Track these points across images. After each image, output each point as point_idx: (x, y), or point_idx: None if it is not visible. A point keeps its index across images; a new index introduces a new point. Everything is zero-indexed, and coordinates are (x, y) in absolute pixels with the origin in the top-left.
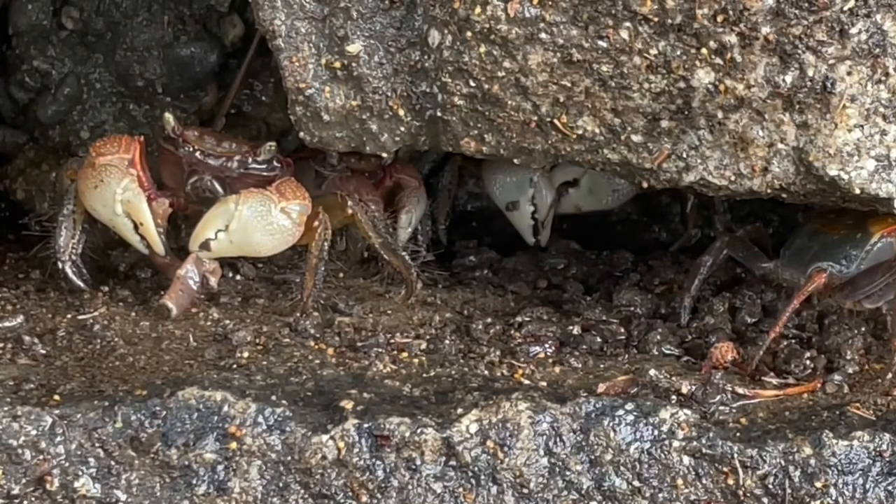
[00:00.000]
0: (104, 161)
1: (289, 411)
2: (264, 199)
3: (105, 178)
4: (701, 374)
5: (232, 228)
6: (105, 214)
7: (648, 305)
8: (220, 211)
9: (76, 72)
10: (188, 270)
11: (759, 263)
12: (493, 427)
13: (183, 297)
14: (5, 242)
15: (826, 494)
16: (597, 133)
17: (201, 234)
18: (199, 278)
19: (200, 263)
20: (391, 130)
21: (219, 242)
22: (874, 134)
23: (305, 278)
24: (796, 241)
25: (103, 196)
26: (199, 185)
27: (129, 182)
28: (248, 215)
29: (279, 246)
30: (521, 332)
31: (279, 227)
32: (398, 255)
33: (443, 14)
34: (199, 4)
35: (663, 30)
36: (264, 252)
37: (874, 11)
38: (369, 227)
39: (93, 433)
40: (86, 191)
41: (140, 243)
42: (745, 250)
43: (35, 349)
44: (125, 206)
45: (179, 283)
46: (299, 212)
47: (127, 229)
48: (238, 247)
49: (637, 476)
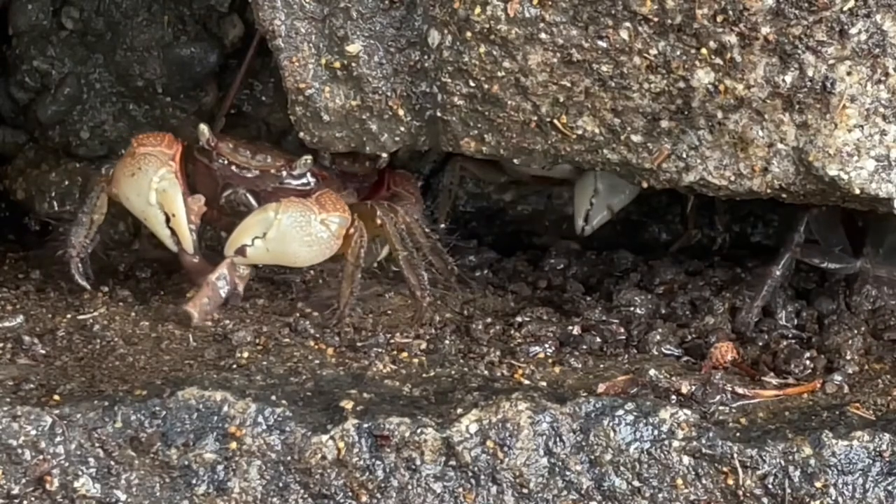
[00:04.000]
0: (144, 150)
1: (289, 411)
2: (305, 210)
3: (143, 166)
4: (701, 374)
5: (270, 236)
6: (138, 205)
7: (648, 305)
8: (260, 218)
9: (76, 72)
10: (220, 275)
11: (842, 264)
12: (492, 427)
13: (209, 303)
14: (5, 242)
15: (826, 494)
16: (597, 133)
17: (238, 240)
18: (230, 285)
19: (233, 269)
20: (391, 130)
21: (255, 249)
22: (874, 134)
23: (342, 287)
24: (888, 238)
25: (139, 184)
26: (234, 198)
27: (166, 171)
28: (287, 224)
29: (316, 257)
30: (521, 332)
31: (317, 238)
32: (418, 275)
33: (443, 14)
34: (199, 4)
35: (663, 30)
36: (300, 263)
37: (874, 11)
38: (397, 240)
39: (93, 433)
40: (122, 179)
41: (170, 238)
42: (821, 253)
43: (35, 349)
44: (160, 195)
45: (209, 288)
46: (339, 224)
47: (158, 222)
48: (274, 255)
49: (637, 476)
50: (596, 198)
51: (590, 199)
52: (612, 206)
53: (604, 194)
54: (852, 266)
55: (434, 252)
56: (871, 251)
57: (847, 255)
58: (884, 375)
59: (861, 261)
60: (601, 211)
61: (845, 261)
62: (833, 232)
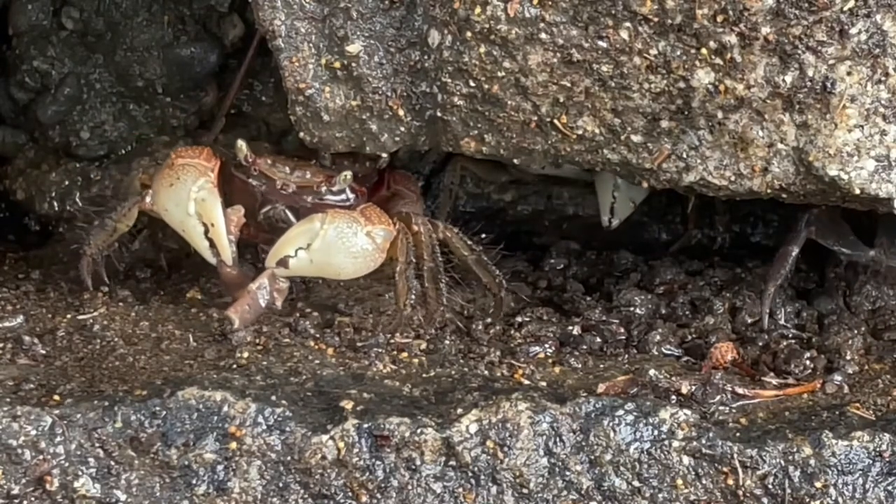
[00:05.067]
0: (183, 161)
1: (289, 411)
2: (351, 221)
3: (182, 176)
4: (701, 374)
5: (314, 247)
6: (177, 215)
7: (648, 305)
8: (304, 229)
9: (76, 72)
10: (261, 286)
11: (855, 250)
12: (492, 427)
13: (249, 312)
14: (5, 242)
15: (826, 494)
16: (597, 133)
17: (281, 251)
18: (270, 296)
19: (274, 280)
20: (391, 130)
21: (298, 261)
22: (874, 134)
23: (398, 288)
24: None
25: (178, 193)
26: (272, 214)
27: (205, 181)
28: (332, 235)
29: (359, 270)
30: (521, 332)
31: (362, 250)
32: (440, 294)
33: (443, 14)
34: (199, 4)
35: (663, 30)
36: (343, 275)
37: (874, 11)
38: (427, 251)
39: (93, 433)
40: (160, 190)
41: (208, 250)
42: (836, 235)
43: (35, 349)
44: (199, 205)
45: (249, 297)
46: (384, 237)
47: (196, 233)
48: (318, 267)
49: (637, 476)
50: (618, 192)
51: (612, 192)
52: (634, 200)
53: (624, 189)
54: (865, 254)
55: (479, 265)
56: (886, 241)
57: (861, 243)
58: (884, 375)
59: (875, 251)
60: (626, 203)
61: (860, 248)
62: (836, 229)
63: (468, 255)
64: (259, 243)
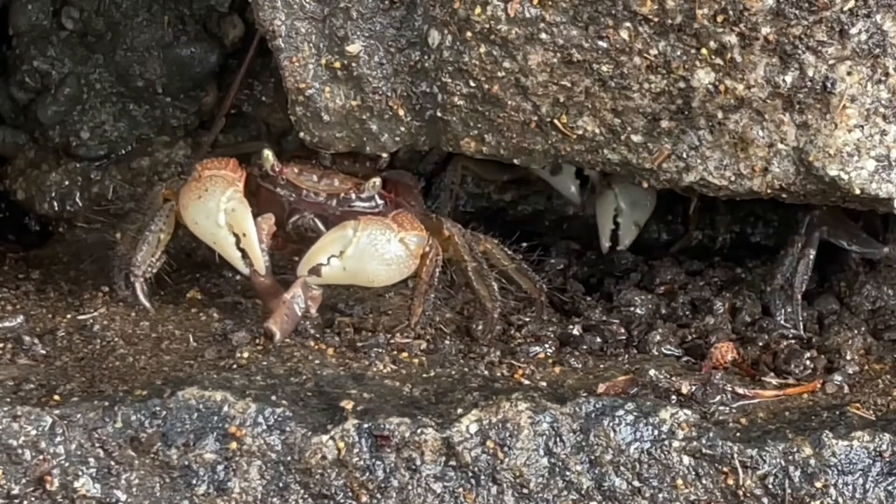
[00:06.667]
0: (210, 173)
1: (289, 411)
2: (385, 228)
3: (210, 188)
4: (701, 374)
5: (347, 255)
6: (207, 228)
7: (649, 305)
8: (337, 236)
9: (76, 72)
10: (295, 295)
11: (868, 248)
12: (493, 427)
13: (287, 322)
14: (5, 242)
15: (826, 494)
16: (597, 133)
17: (313, 259)
18: (305, 304)
19: (308, 289)
20: (391, 130)
21: (331, 268)
22: (874, 134)
23: (413, 304)
24: None
25: (207, 205)
26: (301, 223)
27: (233, 192)
28: (366, 242)
29: (393, 277)
30: (521, 332)
31: (396, 257)
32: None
33: (443, 14)
34: (199, 4)
35: (663, 30)
36: (377, 283)
37: (874, 11)
38: (465, 251)
39: (93, 433)
40: (189, 204)
41: (241, 261)
42: (848, 234)
43: (35, 349)
44: (229, 216)
45: (285, 307)
46: (417, 243)
47: (228, 244)
48: (351, 274)
49: (637, 476)
50: (621, 217)
51: (613, 218)
52: (637, 222)
53: (627, 212)
54: (879, 251)
55: (519, 273)
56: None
57: (874, 241)
58: (884, 375)
59: (889, 247)
60: (629, 228)
61: (873, 245)
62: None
63: (508, 265)
64: (287, 254)
